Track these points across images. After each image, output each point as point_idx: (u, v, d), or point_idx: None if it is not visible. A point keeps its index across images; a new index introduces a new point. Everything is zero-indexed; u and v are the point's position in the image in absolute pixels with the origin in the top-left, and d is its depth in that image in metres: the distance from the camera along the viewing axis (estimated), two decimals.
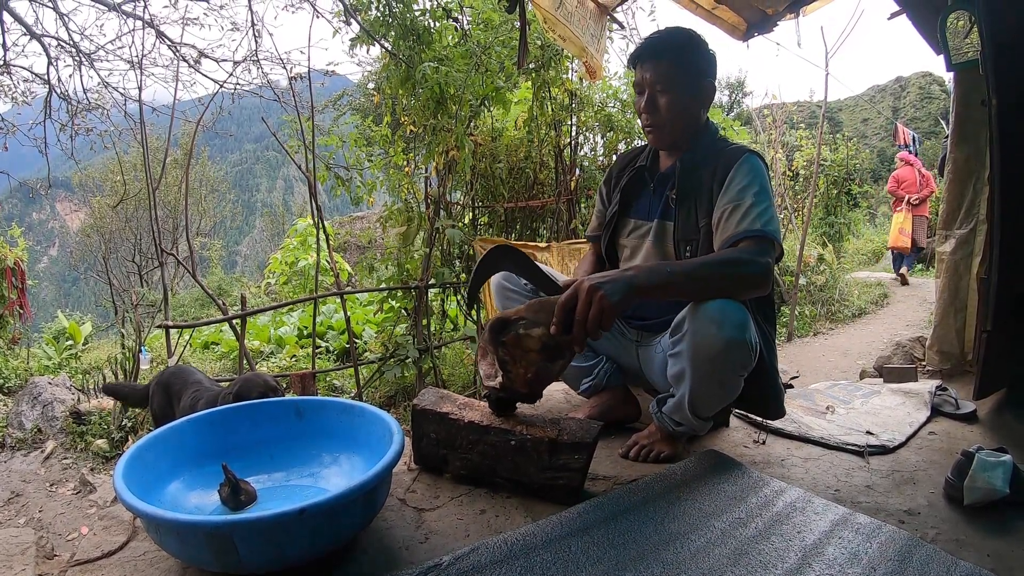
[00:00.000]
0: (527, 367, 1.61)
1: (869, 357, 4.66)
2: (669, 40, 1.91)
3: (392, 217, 4.42)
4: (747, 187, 1.78)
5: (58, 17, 5.72)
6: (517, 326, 1.59)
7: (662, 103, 1.90)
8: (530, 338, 1.58)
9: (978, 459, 1.67)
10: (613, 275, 1.54)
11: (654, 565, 1.33)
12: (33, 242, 9.88)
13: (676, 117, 1.91)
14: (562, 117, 4.83)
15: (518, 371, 1.61)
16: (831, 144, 10.80)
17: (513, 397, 1.67)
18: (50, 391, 4.05)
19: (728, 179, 1.82)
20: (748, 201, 1.76)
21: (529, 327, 1.58)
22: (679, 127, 1.93)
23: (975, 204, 2.95)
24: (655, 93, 1.90)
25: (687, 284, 1.64)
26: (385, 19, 3.87)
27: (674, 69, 1.87)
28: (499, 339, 1.60)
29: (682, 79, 1.88)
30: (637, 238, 2.06)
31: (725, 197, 1.81)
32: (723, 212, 1.79)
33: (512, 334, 1.59)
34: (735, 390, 1.76)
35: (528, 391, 1.66)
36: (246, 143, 72.53)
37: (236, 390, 2.26)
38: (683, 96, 1.89)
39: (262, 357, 6.61)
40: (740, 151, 1.88)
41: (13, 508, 2.89)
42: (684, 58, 1.88)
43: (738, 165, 1.83)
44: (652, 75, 1.89)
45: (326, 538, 1.28)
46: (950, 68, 2.93)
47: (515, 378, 1.61)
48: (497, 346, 1.60)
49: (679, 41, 1.91)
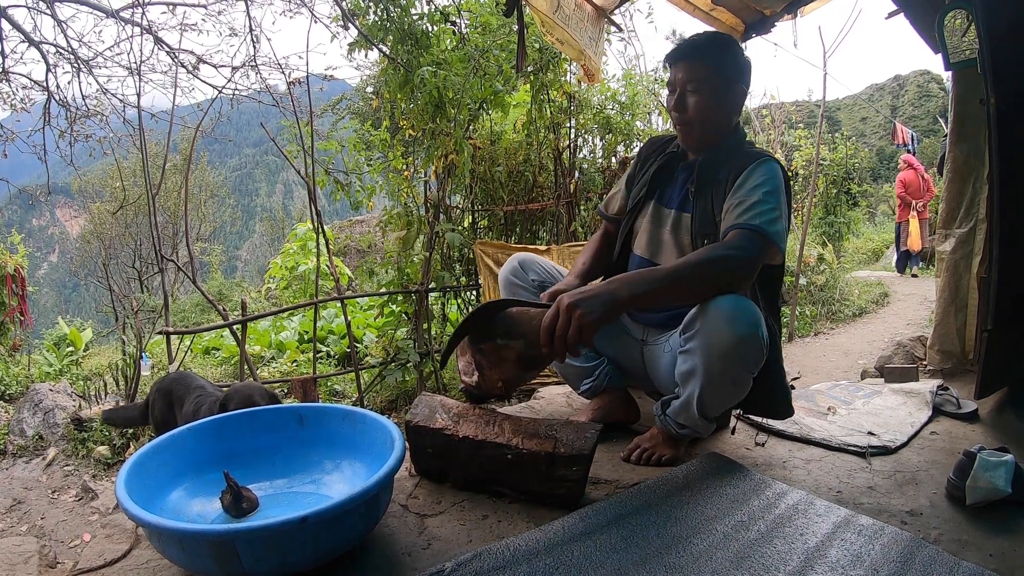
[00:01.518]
0: (501, 373, 1.67)
1: (870, 357, 4.65)
2: (704, 43, 1.94)
3: (392, 221, 4.42)
4: (757, 187, 1.80)
5: (56, 24, 5.74)
6: (496, 335, 1.63)
7: (691, 103, 1.92)
8: (508, 349, 1.63)
9: (980, 459, 1.66)
10: (594, 291, 1.54)
11: (657, 569, 1.33)
12: (33, 249, 9.87)
13: (704, 118, 1.93)
14: (561, 120, 4.82)
15: (492, 375, 1.67)
16: (830, 144, 10.80)
17: (486, 396, 1.76)
18: (51, 398, 4.06)
19: (743, 177, 1.84)
20: (754, 199, 1.77)
21: (508, 338, 1.62)
22: (707, 128, 1.95)
23: (975, 203, 2.95)
24: (685, 92, 1.93)
25: (669, 290, 1.64)
26: (383, 23, 3.88)
27: (705, 71, 1.90)
28: (478, 345, 1.65)
29: (713, 82, 1.90)
30: (655, 225, 2.06)
31: (736, 194, 1.82)
32: (729, 206, 1.81)
33: (491, 343, 1.63)
34: (745, 388, 1.76)
35: (501, 393, 1.74)
36: (245, 148, 72.58)
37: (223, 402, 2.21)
38: (712, 99, 1.91)
39: (263, 362, 6.60)
40: (760, 155, 1.90)
41: (15, 515, 2.89)
42: (717, 62, 1.90)
43: (754, 166, 1.85)
44: (684, 75, 1.92)
45: (329, 545, 1.28)
46: (948, 67, 2.93)
47: (489, 380, 1.69)
48: (475, 350, 1.66)
49: (714, 45, 1.94)
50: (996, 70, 2.30)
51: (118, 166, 9.60)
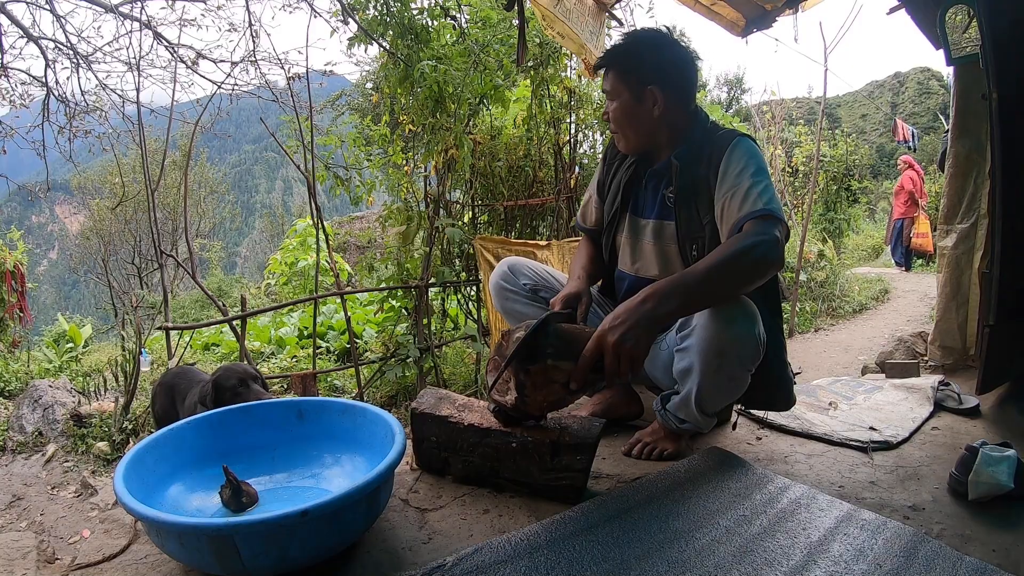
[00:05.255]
0: (547, 395, 1.57)
1: (870, 353, 4.65)
2: (618, 50, 1.94)
3: (392, 216, 4.41)
4: (743, 170, 1.76)
5: (55, 19, 5.71)
6: (546, 356, 1.53)
7: (612, 111, 1.93)
8: (558, 371, 1.54)
9: (983, 454, 1.66)
10: (630, 317, 1.50)
11: (659, 563, 1.32)
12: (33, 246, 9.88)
13: (624, 125, 1.92)
14: (561, 115, 4.80)
15: (536, 397, 1.56)
16: (830, 140, 10.79)
17: (523, 418, 1.64)
18: (51, 394, 4.05)
19: (723, 167, 1.80)
20: (746, 183, 1.74)
21: (558, 359, 1.53)
22: (633, 136, 1.94)
23: (976, 198, 2.94)
24: (609, 102, 1.94)
25: (704, 293, 1.61)
26: (383, 18, 3.86)
27: (617, 78, 1.90)
28: (525, 366, 1.53)
29: (627, 88, 1.89)
30: (634, 236, 2.04)
31: (723, 186, 1.78)
32: (724, 201, 1.77)
33: (540, 365, 1.53)
34: (743, 385, 1.76)
35: (540, 416, 1.64)
36: (244, 144, 72.50)
37: (215, 378, 2.27)
38: (626, 106, 1.90)
39: (263, 358, 6.59)
40: (730, 136, 1.86)
41: (14, 512, 2.88)
42: (629, 67, 1.89)
43: (730, 151, 1.81)
44: (605, 84, 1.95)
45: (329, 540, 1.27)
46: (950, 62, 2.93)
47: (531, 403, 1.57)
48: (520, 371, 1.54)
49: (625, 51, 1.92)
50: (998, 65, 2.29)
51: (117, 162, 9.57)
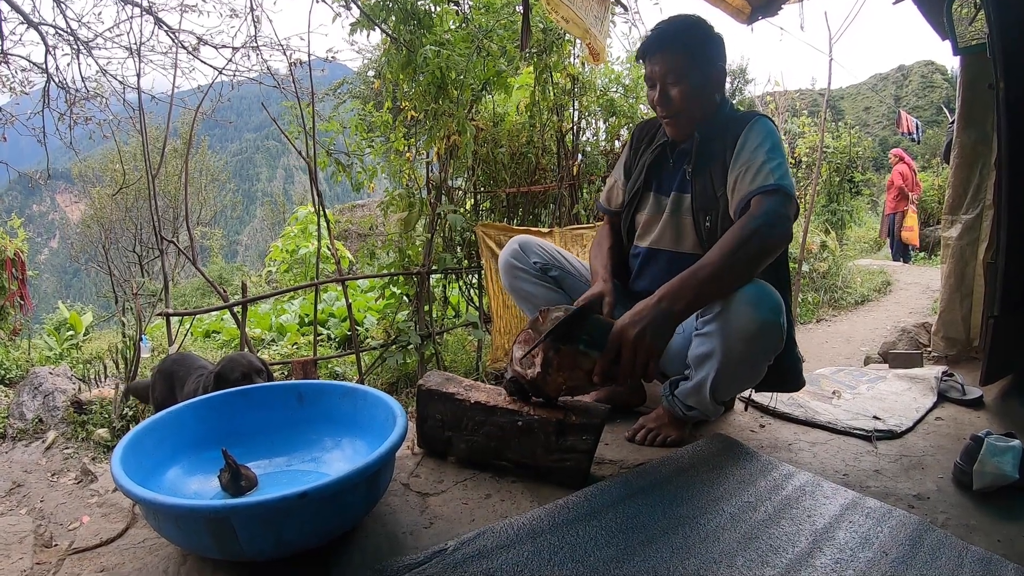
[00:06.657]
0: (567, 379, 1.59)
1: (872, 344, 4.64)
2: (674, 30, 1.88)
3: (393, 203, 4.38)
4: (759, 146, 1.77)
5: (55, 4, 5.67)
6: (579, 341, 1.55)
7: (674, 94, 1.86)
8: (586, 358, 1.56)
9: (988, 444, 1.65)
10: (648, 314, 1.53)
11: (663, 549, 1.31)
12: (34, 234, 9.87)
13: (691, 107, 1.88)
14: (564, 102, 4.77)
15: (557, 378, 1.58)
16: (833, 132, 10.73)
17: (535, 394, 1.65)
18: (51, 381, 4.04)
19: (740, 143, 1.81)
20: (760, 159, 1.75)
21: (589, 347, 1.55)
22: (696, 116, 1.90)
23: (981, 189, 2.92)
24: (666, 86, 1.87)
25: (718, 282, 1.61)
26: (385, 3, 3.82)
27: (682, 59, 1.84)
28: (557, 345, 1.55)
29: (692, 68, 1.85)
30: (654, 213, 2.03)
31: (738, 161, 1.79)
32: (737, 175, 1.78)
33: (572, 348, 1.55)
34: (760, 374, 1.76)
35: (554, 397, 1.65)
36: (246, 132, 72.41)
37: (219, 370, 2.26)
38: (695, 85, 1.86)
39: (263, 345, 6.58)
40: (750, 116, 1.88)
41: (14, 498, 2.88)
42: (691, 47, 1.85)
43: (748, 128, 1.82)
44: (661, 68, 1.87)
45: (328, 523, 1.26)
46: (956, 52, 2.90)
47: (550, 382, 1.59)
48: (551, 349, 1.56)
49: (685, 30, 1.87)
50: (1006, 54, 2.26)
51: (118, 149, 9.54)
